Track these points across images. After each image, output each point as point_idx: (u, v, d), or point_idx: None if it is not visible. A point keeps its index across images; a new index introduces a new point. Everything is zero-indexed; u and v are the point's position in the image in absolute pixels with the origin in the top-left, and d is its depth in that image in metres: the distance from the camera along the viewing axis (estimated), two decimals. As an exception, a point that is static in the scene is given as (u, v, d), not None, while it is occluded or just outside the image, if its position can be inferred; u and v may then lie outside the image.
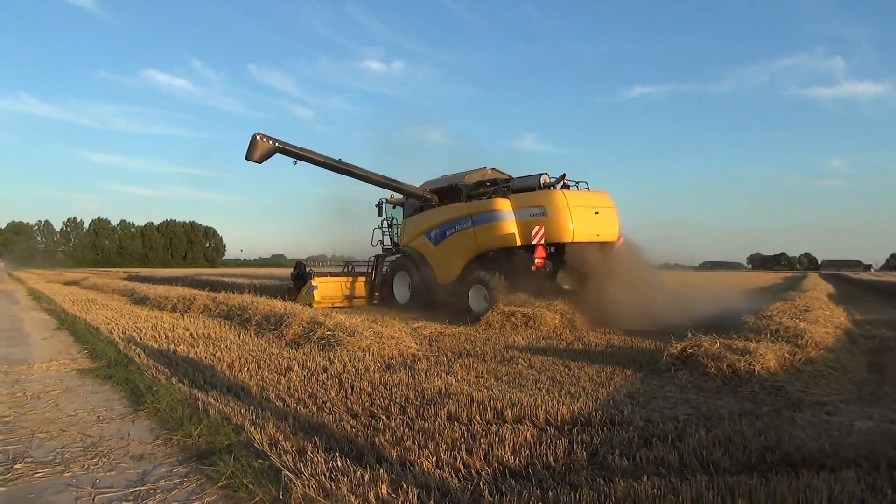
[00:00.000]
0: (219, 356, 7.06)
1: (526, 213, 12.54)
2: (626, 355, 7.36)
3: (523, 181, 13.63)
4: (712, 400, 5.05)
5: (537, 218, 12.29)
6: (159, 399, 4.98)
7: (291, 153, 13.66)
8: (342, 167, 14.24)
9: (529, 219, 12.42)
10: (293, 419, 4.28)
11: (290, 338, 8.38)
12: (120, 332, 9.06)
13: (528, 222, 12.40)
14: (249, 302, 11.24)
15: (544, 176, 13.11)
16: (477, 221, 13.32)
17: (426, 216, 15.07)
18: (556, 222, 12.11)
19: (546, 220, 12.19)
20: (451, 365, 6.62)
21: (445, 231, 14.19)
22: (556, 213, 12.14)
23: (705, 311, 10.75)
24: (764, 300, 12.67)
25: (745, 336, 7.11)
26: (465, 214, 13.67)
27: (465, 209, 13.73)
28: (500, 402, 4.59)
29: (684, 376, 5.86)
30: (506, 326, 10.20)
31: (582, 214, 12.26)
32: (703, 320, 9.15)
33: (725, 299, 13.54)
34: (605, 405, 4.71)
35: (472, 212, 13.51)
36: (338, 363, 6.49)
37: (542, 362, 6.82)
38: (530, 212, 12.47)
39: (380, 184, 15.05)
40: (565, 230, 12.10)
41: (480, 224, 13.22)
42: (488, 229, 13.03)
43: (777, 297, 13.93)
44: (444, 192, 14.94)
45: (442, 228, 14.31)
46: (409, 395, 5.01)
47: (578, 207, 12.28)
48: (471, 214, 13.50)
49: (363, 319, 9.15)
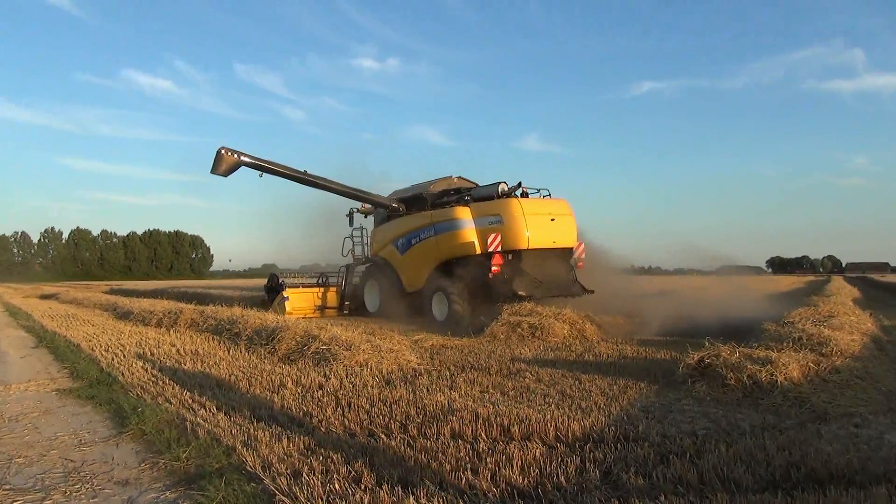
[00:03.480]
0: (207, 373, 7.05)
1: (484, 222, 13.36)
2: (639, 367, 7.35)
3: (483, 190, 14.52)
4: (732, 413, 5.04)
5: (495, 226, 13.10)
6: (145, 420, 4.97)
7: (256, 166, 14.56)
8: (308, 179, 15.12)
9: (487, 227, 13.23)
10: (287, 440, 4.27)
11: (282, 353, 8.37)
12: (102, 350, 9.05)
13: (486, 230, 13.19)
14: (239, 315, 11.23)
15: (502, 185, 13.94)
16: (439, 230, 14.15)
17: (393, 225, 15.90)
18: (512, 230, 12.89)
19: (502, 228, 12.97)
20: (455, 379, 6.61)
21: (411, 240, 15.02)
22: (511, 221, 12.93)
23: (723, 319, 10.75)
24: (785, 306, 12.66)
25: (765, 344, 7.10)
26: (428, 223, 14.49)
27: (428, 218, 14.55)
28: (507, 419, 4.58)
29: (702, 388, 5.85)
30: (511, 337, 10.19)
31: (538, 222, 13.08)
32: (720, 328, 9.14)
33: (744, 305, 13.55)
34: (619, 420, 4.70)
35: (434, 220, 14.34)
36: (334, 379, 6.48)
37: (550, 375, 6.80)
38: (488, 220, 13.31)
39: (346, 194, 15.91)
40: (521, 237, 12.86)
41: (442, 233, 14.05)
42: (449, 237, 13.85)
43: (799, 303, 13.92)
44: (411, 202, 15.75)
45: (408, 237, 15.14)
46: (409, 411, 5.00)
47: (534, 215, 13.09)
48: (433, 223, 14.33)
49: (360, 332, 9.15)
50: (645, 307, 13.79)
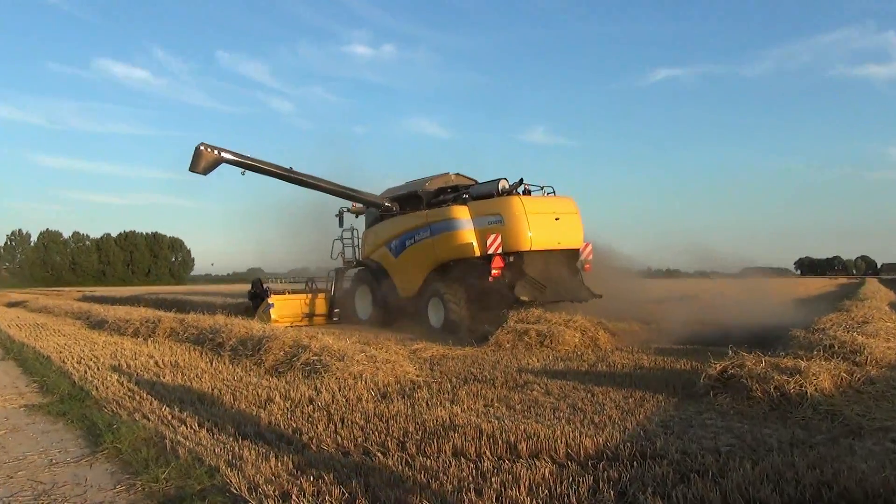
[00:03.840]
0: (188, 387, 7.07)
1: (484, 221, 13.34)
2: (657, 378, 7.35)
3: (482, 187, 14.49)
4: (758, 428, 5.05)
5: (495, 226, 13.06)
6: (120, 438, 4.98)
7: (238, 163, 14.59)
8: (294, 176, 15.17)
9: (487, 227, 13.20)
10: (275, 459, 4.27)
11: (269, 364, 8.39)
12: (74, 362, 9.07)
13: (486, 231, 13.15)
14: (223, 324, 11.25)
15: (503, 181, 13.91)
16: (435, 231, 14.13)
17: (386, 226, 15.91)
18: (514, 230, 12.86)
19: (503, 229, 12.93)
20: (456, 392, 6.62)
21: (405, 241, 15.01)
22: (512, 220, 12.90)
23: (748, 325, 10.76)
24: (815, 311, 12.66)
25: (794, 353, 7.10)
26: (423, 224, 14.48)
27: (424, 218, 14.54)
28: (514, 435, 4.59)
29: (725, 401, 5.86)
30: (518, 347, 10.20)
31: (541, 221, 13.04)
32: (745, 336, 9.14)
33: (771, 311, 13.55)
34: (635, 436, 4.71)
35: (430, 221, 14.33)
36: (325, 393, 6.49)
37: (560, 387, 6.81)
38: (488, 220, 13.28)
39: (335, 193, 15.94)
40: (523, 238, 12.84)
41: (439, 234, 14.03)
42: (446, 239, 13.83)
43: (830, 307, 13.92)
44: (405, 200, 15.76)
45: (402, 239, 15.14)
46: (408, 428, 5.00)
47: (537, 214, 13.06)
48: (429, 223, 14.32)
49: (353, 342, 9.16)
50: (663, 313, 13.78)
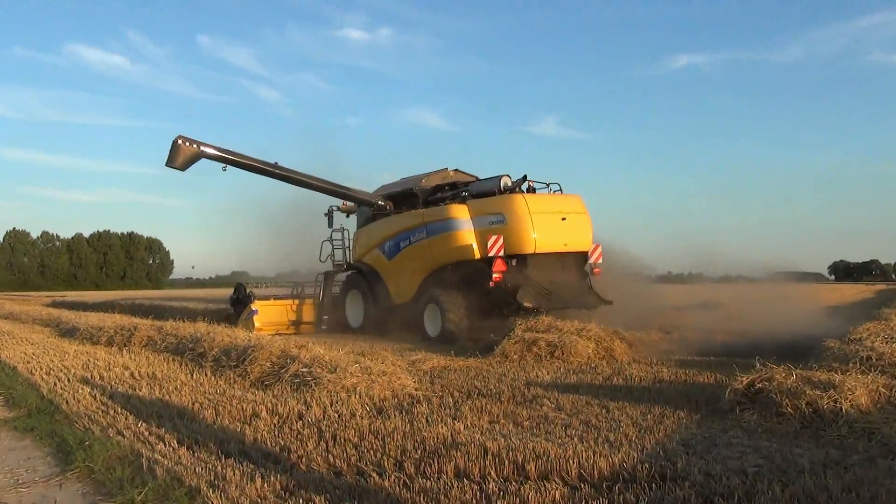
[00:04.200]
0: (167, 401, 7.07)
1: (484, 221, 13.33)
2: (678, 392, 7.34)
3: (483, 185, 14.52)
4: (788, 447, 5.03)
5: (496, 227, 13.04)
6: (93, 456, 4.97)
7: (219, 158, 14.70)
8: (279, 172, 15.27)
9: (488, 227, 13.18)
10: (261, 479, 4.27)
11: (255, 376, 8.39)
12: (43, 373, 9.09)
13: (486, 231, 13.12)
14: (204, 332, 11.25)
15: (505, 178, 13.94)
16: (432, 232, 14.13)
17: (379, 226, 15.95)
18: (516, 231, 12.87)
19: (505, 229, 12.93)
20: (459, 407, 6.61)
21: (399, 243, 15.03)
22: (515, 220, 12.90)
23: (777, 335, 10.75)
24: (851, 319, 12.63)
25: (827, 366, 7.08)
26: (419, 224, 14.49)
27: (420, 217, 14.55)
28: (521, 454, 4.58)
29: (752, 418, 5.84)
30: (526, 358, 10.18)
31: (546, 221, 13.03)
32: (774, 346, 9.13)
33: (802, 319, 13.53)
34: (654, 456, 4.70)
35: (426, 220, 14.34)
36: (316, 407, 6.49)
37: (572, 402, 6.80)
38: (489, 219, 13.28)
39: (324, 190, 16.01)
40: (526, 240, 12.86)
41: (436, 234, 14.04)
42: (444, 240, 13.84)
43: (867, 316, 13.88)
44: (400, 198, 15.79)
45: (396, 240, 15.16)
46: (406, 446, 5.00)
47: (542, 214, 13.04)
48: (425, 224, 14.33)
49: (347, 352, 9.16)
50: (684, 321, 13.77)
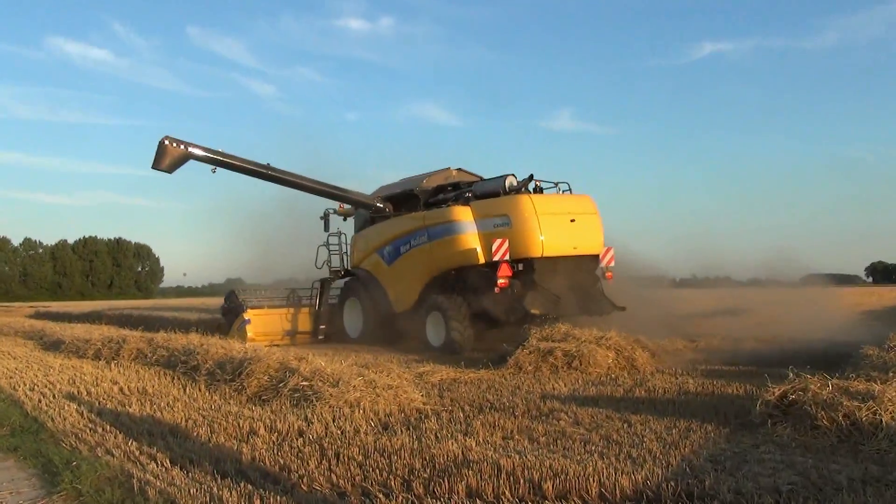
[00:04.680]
0: (159, 418, 7.10)
1: (489, 224, 13.38)
2: (705, 404, 7.32)
3: (487, 185, 14.59)
4: (825, 463, 5.01)
5: (501, 229, 13.09)
6: (81, 477, 4.99)
7: (208, 159, 14.84)
8: (271, 174, 15.41)
9: (492, 230, 13.23)
10: (260, 500, 4.28)
11: (252, 391, 8.41)
12: (27, 389, 9.14)
13: (491, 234, 13.17)
14: (197, 344, 11.30)
15: (510, 178, 13.98)
16: (433, 235, 14.20)
17: (378, 230, 16.04)
18: (523, 233, 12.91)
19: (510, 232, 12.96)
20: (470, 422, 6.61)
21: (399, 247, 15.11)
22: (521, 222, 12.95)
23: (811, 342, 10.73)
24: (890, 325, 12.59)
25: (866, 375, 7.05)
26: (420, 227, 14.57)
27: (420, 220, 14.62)
28: (538, 472, 4.58)
29: (785, 431, 5.82)
30: (542, 369, 10.17)
31: (554, 223, 13.07)
32: (808, 354, 9.11)
33: (838, 325, 13.49)
34: (680, 473, 4.69)
35: (427, 223, 14.40)
36: (318, 424, 6.50)
37: (592, 416, 6.80)
38: (493, 222, 13.33)
39: (319, 192, 16.13)
40: (533, 243, 12.88)
41: (437, 238, 14.10)
42: (446, 244, 13.90)
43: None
44: (399, 200, 15.86)
45: (396, 244, 15.24)
46: (414, 464, 5.01)
47: (550, 215, 13.09)
48: (427, 227, 14.40)
49: (350, 364, 9.18)
50: (710, 328, 13.75)
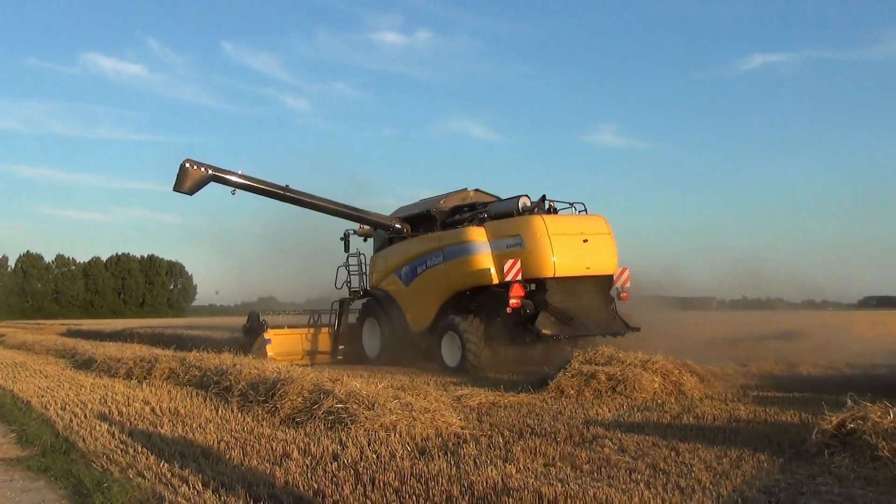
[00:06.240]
0: (191, 439, 7.18)
1: (502, 245, 13.80)
2: (757, 432, 7.22)
3: (502, 205, 15.03)
4: (886, 496, 4.92)
5: (514, 250, 13.48)
6: (112, 499, 5.07)
7: (228, 181, 15.54)
8: (290, 195, 16.07)
9: (505, 251, 13.61)
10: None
11: (286, 413, 8.46)
12: (58, 408, 9.31)
13: (504, 255, 13.54)
14: (230, 364, 11.40)
15: (524, 198, 14.40)
16: (448, 255, 14.60)
17: (396, 250, 16.51)
18: (534, 254, 13.27)
19: (523, 252, 13.33)
20: (510, 448, 6.59)
21: (416, 268, 15.53)
22: (533, 242, 13.32)
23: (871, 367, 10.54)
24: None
25: (931, 403, 6.88)
26: (436, 247, 15.00)
27: (436, 241, 15.07)
28: (581, 502, 4.56)
29: (844, 462, 5.72)
30: (584, 393, 10.09)
31: (566, 243, 13.42)
32: (867, 380, 8.95)
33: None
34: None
35: (443, 244, 14.83)
36: (353, 447, 6.53)
37: (637, 444, 6.74)
38: (506, 242, 13.75)
39: (337, 213, 16.71)
40: (545, 263, 13.22)
41: (452, 258, 14.50)
42: (461, 265, 14.30)
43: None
44: (417, 221, 16.33)
45: (413, 265, 15.67)
46: (452, 491, 5.00)
47: (562, 235, 13.45)
48: (442, 247, 14.82)
49: (385, 386, 9.19)
50: (763, 353, 13.54)
